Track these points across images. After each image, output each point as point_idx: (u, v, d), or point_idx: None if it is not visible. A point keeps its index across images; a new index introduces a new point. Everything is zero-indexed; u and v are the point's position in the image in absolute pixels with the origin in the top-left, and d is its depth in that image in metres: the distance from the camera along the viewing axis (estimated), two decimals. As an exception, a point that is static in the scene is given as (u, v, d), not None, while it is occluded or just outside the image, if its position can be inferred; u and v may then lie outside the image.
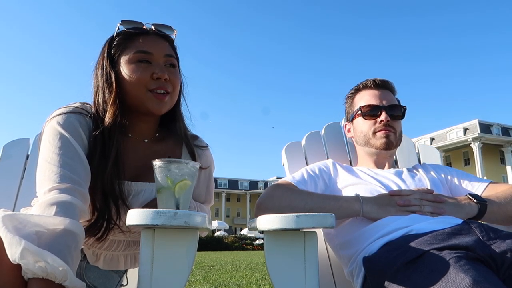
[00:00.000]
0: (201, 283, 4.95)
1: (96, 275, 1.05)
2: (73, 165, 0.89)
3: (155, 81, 1.01)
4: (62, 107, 1.00)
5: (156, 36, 1.06)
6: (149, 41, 1.04)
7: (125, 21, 1.05)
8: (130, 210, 0.73)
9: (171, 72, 1.04)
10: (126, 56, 1.02)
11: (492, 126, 37.38)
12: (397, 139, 1.38)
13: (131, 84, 1.01)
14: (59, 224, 0.74)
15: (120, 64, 1.02)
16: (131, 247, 1.09)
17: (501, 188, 1.26)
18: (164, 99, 1.02)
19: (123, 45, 1.04)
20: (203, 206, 1.16)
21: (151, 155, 1.07)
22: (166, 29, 1.09)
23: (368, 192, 1.22)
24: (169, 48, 1.07)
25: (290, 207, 1.14)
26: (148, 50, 1.02)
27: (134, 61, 1.01)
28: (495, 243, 0.91)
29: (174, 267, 0.75)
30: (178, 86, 1.08)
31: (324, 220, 0.78)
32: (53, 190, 0.84)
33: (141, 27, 1.06)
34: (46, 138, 0.94)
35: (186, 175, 0.85)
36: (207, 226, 0.79)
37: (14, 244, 0.64)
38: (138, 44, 1.03)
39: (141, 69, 1.01)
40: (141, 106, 1.02)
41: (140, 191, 1.02)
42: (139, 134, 1.09)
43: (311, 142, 1.62)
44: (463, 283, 0.75)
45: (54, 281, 0.66)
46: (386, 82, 1.43)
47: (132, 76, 1.00)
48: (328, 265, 1.44)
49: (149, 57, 1.02)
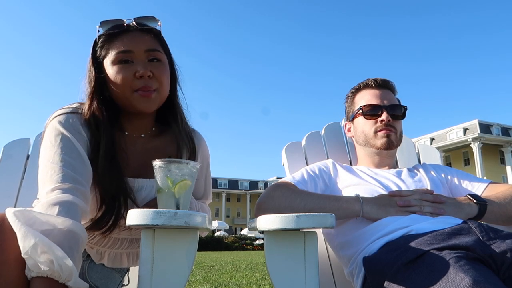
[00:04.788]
0: (201, 283, 4.95)
1: (99, 275, 1.06)
2: (75, 165, 0.90)
3: (139, 80, 0.98)
4: (62, 108, 1.01)
5: (137, 32, 1.02)
6: (129, 39, 1.00)
7: (104, 22, 1.02)
8: (130, 210, 0.73)
9: (155, 67, 1.00)
10: (109, 59, 1.00)
11: (492, 126, 37.36)
12: (398, 139, 1.38)
13: (117, 86, 0.99)
14: (61, 224, 0.74)
15: (106, 67, 1.01)
16: (134, 244, 1.10)
17: (501, 188, 1.26)
18: (150, 97, 1.00)
19: (105, 47, 1.01)
20: (204, 206, 1.16)
21: (150, 150, 1.08)
22: (148, 21, 1.03)
23: (368, 192, 1.22)
24: (152, 42, 1.03)
25: (290, 207, 1.14)
26: (128, 49, 0.99)
27: (116, 63, 0.99)
28: (495, 243, 0.91)
29: (174, 267, 0.75)
30: (166, 80, 1.04)
31: (324, 220, 0.78)
32: (56, 190, 0.84)
33: (121, 24, 1.01)
34: (47, 138, 0.94)
35: (186, 175, 0.86)
36: (207, 226, 0.79)
37: (29, 237, 0.65)
38: (118, 45, 1.00)
39: (123, 70, 0.99)
40: (130, 106, 1.02)
41: (141, 187, 1.02)
42: (135, 130, 1.09)
43: (311, 142, 1.62)
44: (463, 283, 0.75)
45: (58, 281, 0.66)
46: (387, 82, 1.43)
47: (116, 78, 0.99)
48: (328, 265, 1.44)
49: (130, 55, 0.99)
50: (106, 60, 1.01)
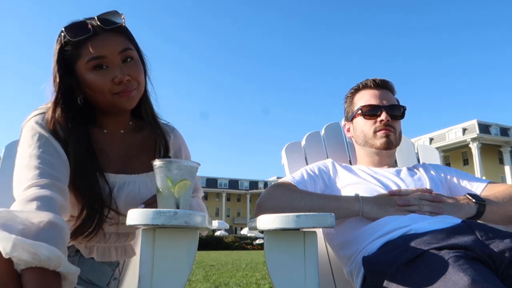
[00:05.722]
0: (202, 283, 4.95)
1: (90, 269, 1.06)
2: (52, 161, 0.89)
3: (118, 85, 0.98)
4: (38, 109, 1.00)
5: (105, 34, 0.98)
6: (100, 43, 0.97)
7: (68, 28, 0.97)
8: (130, 210, 0.73)
9: (131, 68, 1.00)
10: (81, 65, 0.97)
11: (490, 126, 37.39)
12: (397, 139, 1.38)
13: (95, 91, 0.98)
14: (42, 218, 0.72)
15: (78, 73, 0.99)
16: (121, 239, 1.10)
17: (499, 188, 1.27)
18: (131, 95, 1.00)
19: (75, 54, 0.97)
20: (199, 202, 1.16)
21: (130, 145, 1.11)
22: (112, 17, 1.00)
23: (368, 191, 1.22)
24: (123, 41, 1.00)
25: (290, 207, 1.14)
26: (100, 55, 0.96)
27: (91, 69, 0.97)
28: (494, 243, 0.91)
29: (174, 266, 0.75)
30: (142, 77, 1.04)
31: (324, 220, 0.79)
32: (33, 186, 0.83)
33: (86, 27, 0.96)
34: (24, 139, 0.94)
35: (186, 175, 0.86)
36: (207, 225, 0.79)
37: (5, 239, 0.64)
38: (88, 50, 0.96)
39: (100, 77, 0.97)
40: (112, 107, 1.02)
41: (124, 183, 1.03)
42: (113, 127, 1.10)
43: (311, 142, 1.62)
44: (462, 282, 0.75)
45: (48, 268, 0.65)
46: (386, 82, 1.43)
47: (93, 84, 0.97)
48: (328, 265, 1.44)
49: (104, 60, 0.97)
50: (78, 66, 0.98)
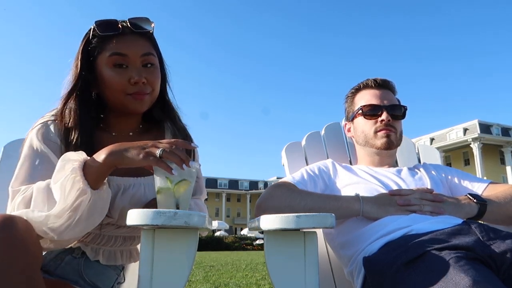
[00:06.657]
0: (201, 283, 4.95)
1: (94, 272, 1.06)
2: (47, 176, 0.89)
3: (133, 86, 1.00)
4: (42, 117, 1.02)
5: (132, 36, 1.02)
6: (125, 42, 1.01)
7: (98, 23, 1.01)
8: (130, 210, 0.73)
9: (149, 73, 1.02)
10: (103, 59, 1.00)
11: (492, 126, 37.36)
12: (398, 139, 1.38)
13: (109, 88, 1.01)
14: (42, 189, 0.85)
15: (98, 67, 1.01)
16: (127, 242, 1.11)
17: (501, 188, 1.27)
18: (143, 99, 1.02)
19: (99, 47, 1.01)
20: (199, 204, 1.16)
21: None
22: (142, 23, 1.04)
23: (368, 191, 1.22)
24: (147, 46, 1.04)
25: (290, 207, 1.14)
26: (123, 52, 1.00)
27: (110, 65, 1.00)
28: (495, 243, 0.91)
29: (174, 267, 0.75)
30: (158, 84, 1.06)
31: (324, 220, 0.78)
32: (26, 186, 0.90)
33: (116, 26, 1.01)
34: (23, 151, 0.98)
35: (186, 175, 0.86)
36: (207, 226, 0.79)
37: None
38: (113, 46, 1.00)
39: (118, 75, 0.99)
40: (122, 108, 1.03)
41: (130, 185, 1.03)
42: (122, 130, 1.10)
43: (311, 142, 1.62)
44: (463, 283, 0.75)
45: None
46: (386, 82, 1.43)
47: (109, 81, 1.00)
48: (328, 265, 1.44)
49: (125, 59, 1.00)
50: (99, 60, 1.01)
